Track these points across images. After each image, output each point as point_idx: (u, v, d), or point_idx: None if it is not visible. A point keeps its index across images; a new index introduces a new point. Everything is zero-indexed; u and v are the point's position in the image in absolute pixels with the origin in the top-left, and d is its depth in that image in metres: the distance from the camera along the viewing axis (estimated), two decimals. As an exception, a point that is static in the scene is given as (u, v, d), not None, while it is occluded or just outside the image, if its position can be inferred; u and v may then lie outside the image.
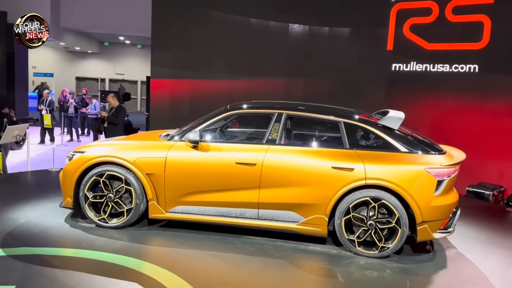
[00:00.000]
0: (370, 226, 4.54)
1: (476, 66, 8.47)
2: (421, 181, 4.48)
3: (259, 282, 3.96)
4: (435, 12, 8.80)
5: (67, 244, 4.59)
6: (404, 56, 9.15)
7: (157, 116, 10.81)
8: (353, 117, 4.96)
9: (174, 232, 5.02)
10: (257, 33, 10.22)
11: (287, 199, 4.71)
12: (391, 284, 4.05)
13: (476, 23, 8.44)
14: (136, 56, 24.99)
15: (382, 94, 9.59)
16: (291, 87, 10.23)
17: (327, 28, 9.89)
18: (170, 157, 4.88)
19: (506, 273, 4.57)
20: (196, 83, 10.73)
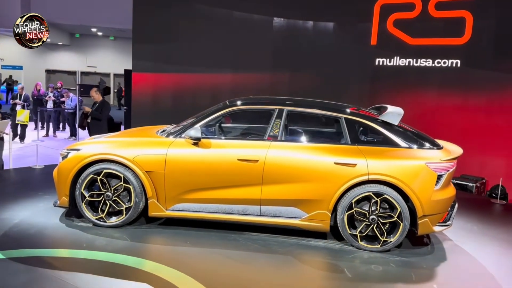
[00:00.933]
0: (372, 221, 4.60)
1: (458, 61, 8.65)
2: (422, 175, 4.57)
3: (269, 280, 3.96)
4: (418, 8, 8.92)
5: (67, 244, 4.47)
6: (387, 51, 9.25)
7: (140, 111, 10.62)
8: (353, 112, 4.99)
9: (174, 230, 4.96)
10: (241, 27, 10.15)
11: (289, 195, 4.72)
12: (397, 278, 4.12)
13: (458, 18, 8.61)
14: (109, 48, 24.46)
15: (366, 88, 9.70)
16: (276, 81, 10.22)
17: (311, 23, 9.91)
18: (171, 154, 4.81)
19: (503, 263, 4.71)
20: (179, 77, 10.58)
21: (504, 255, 4.90)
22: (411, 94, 9.21)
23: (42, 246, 4.42)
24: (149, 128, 5.89)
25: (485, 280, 4.20)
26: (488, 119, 8.50)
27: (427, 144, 4.81)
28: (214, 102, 10.30)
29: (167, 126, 5.77)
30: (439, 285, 3.99)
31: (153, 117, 10.46)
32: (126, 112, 12.92)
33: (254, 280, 3.94)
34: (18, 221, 4.98)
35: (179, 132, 4.97)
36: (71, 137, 13.03)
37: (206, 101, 10.40)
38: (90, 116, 8.52)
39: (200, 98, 10.46)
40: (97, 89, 8.61)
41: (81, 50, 24.46)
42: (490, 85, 8.51)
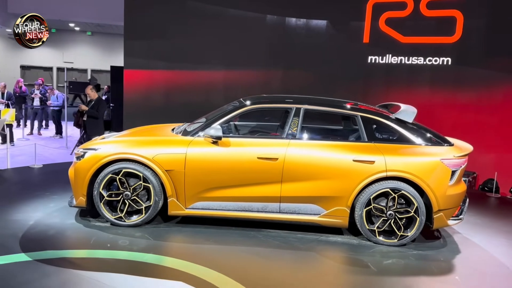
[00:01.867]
0: (390, 216, 4.74)
1: (449, 59, 8.90)
2: (437, 171, 4.73)
3: (299, 276, 4.04)
4: (410, 7, 9.13)
5: (90, 245, 4.43)
6: (380, 48, 9.44)
7: (132, 108, 10.49)
8: (369, 110, 5.12)
9: (193, 228, 4.98)
10: (235, 24, 10.15)
11: (309, 192, 4.81)
12: (420, 271, 4.27)
13: (449, 17, 8.86)
14: (86, 44, 23.93)
15: (359, 85, 9.87)
16: (269, 79, 10.28)
17: (305, 20, 10.00)
18: (190, 153, 4.82)
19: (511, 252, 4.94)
20: (172, 74, 10.51)
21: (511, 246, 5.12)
22: (402, 91, 9.42)
23: (65, 247, 4.39)
24: (162, 126, 5.88)
25: (503, 272, 4.39)
26: (478, 115, 8.80)
27: (440, 141, 4.98)
28: (207, 99, 10.37)
29: (181, 124, 5.79)
30: (461, 277, 4.16)
31: (146, 115, 10.38)
32: (112, 110, 12.76)
33: (284, 276, 4.01)
34: (33, 222, 4.90)
35: (197, 131, 4.99)
36: (56, 135, 12.77)
37: (199, 98, 10.42)
38: (85, 114, 8.39)
39: (193, 95, 10.43)
40: (93, 86, 8.48)
41: (57, 45, 23.83)
42: (480, 83, 8.80)
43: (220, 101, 10.46)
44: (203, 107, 10.24)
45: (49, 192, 6.06)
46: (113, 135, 5.59)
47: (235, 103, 5.32)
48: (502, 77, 8.60)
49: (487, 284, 4.11)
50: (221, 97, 10.53)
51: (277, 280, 3.91)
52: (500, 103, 8.63)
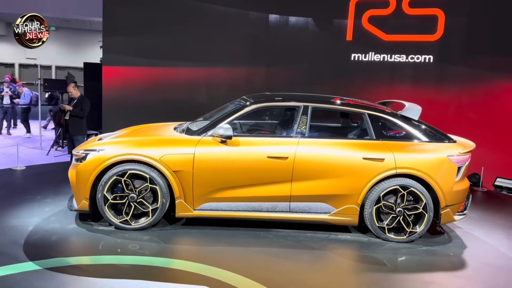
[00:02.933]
0: (399, 213, 4.78)
1: (431, 57, 9.08)
2: (444, 168, 4.80)
3: (320, 276, 4.00)
4: (393, 5, 9.24)
5: (99, 250, 4.24)
6: (363, 46, 9.51)
7: (111, 106, 10.16)
8: (375, 108, 5.14)
9: (201, 230, 4.87)
10: (217, 20, 9.99)
11: (319, 191, 4.78)
12: (435, 267, 4.33)
13: (431, 16, 9.03)
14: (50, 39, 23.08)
15: (342, 83, 9.93)
16: (252, 76, 10.19)
17: (288, 18, 9.96)
18: (199, 153, 4.70)
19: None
20: (153, 71, 10.24)
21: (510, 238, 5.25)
22: (385, 89, 9.56)
23: (73, 253, 4.19)
24: (163, 125, 5.74)
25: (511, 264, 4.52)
26: (459, 111, 9.03)
27: (444, 138, 5.06)
28: (189, 96, 10.19)
29: (182, 123, 5.67)
30: (474, 271, 4.24)
31: (127, 113, 10.09)
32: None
33: (305, 276, 3.96)
34: (33, 228, 4.65)
35: (204, 130, 4.86)
36: (27, 134, 12.23)
37: (181, 96, 10.21)
38: (68, 113, 8.06)
39: (175, 93, 10.22)
40: (75, 84, 8.16)
41: (18, 41, 22.90)
42: (461, 80, 9.04)
43: (203, 99, 10.34)
44: (185, 105, 10.10)
45: (39, 195, 5.78)
46: (110, 135, 5.38)
47: (240, 102, 5.23)
48: (482, 75, 8.85)
49: (499, 277, 4.21)
50: (204, 95, 10.39)
51: (299, 280, 3.86)
52: (481, 100, 8.89)
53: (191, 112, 9.96)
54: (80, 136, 8.05)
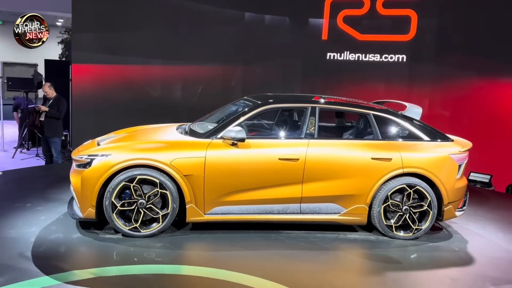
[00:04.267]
0: (405, 211, 4.91)
1: (404, 56, 9.40)
2: (447, 166, 4.98)
3: (342, 276, 4.06)
4: (367, 5, 9.47)
5: (116, 261, 4.06)
6: (338, 45, 9.69)
7: (82, 106, 9.74)
8: (380, 109, 5.23)
9: (212, 234, 4.78)
10: (193, 18, 9.82)
11: (329, 191, 4.82)
12: (447, 263, 4.46)
13: (404, 17, 9.34)
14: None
15: (318, 81, 10.08)
16: (228, 74, 10.13)
17: (264, 16, 9.96)
18: (210, 156, 4.60)
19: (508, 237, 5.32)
20: (125, 69, 9.93)
21: (503, 231, 5.50)
22: (360, 87, 9.79)
23: (90, 265, 3.99)
24: (163, 127, 5.58)
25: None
26: (431, 108, 9.40)
27: (443, 137, 5.23)
28: (164, 95, 9.97)
29: (181, 124, 5.56)
30: (484, 265, 4.42)
31: (98, 112, 9.74)
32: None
33: (329, 276, 4.00)
34: (35, 239, 4.38)
35: (213, 133, 4.76)
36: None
37: (155, 94, 9.98)
38: (43, 114, 7.65)
39: (149, 91, 9.97)
40: (51, 84, 7.75)
41: (-40, 35, 21.46)
42: (433, 78, 9.41)
43: (178, 97, 10.15)
44: (160, 104, 9.89)
45: (29, 203, 5.46)
46: (108, 139, 5.16)
47: (245, 102, 5.15)
48: (453, 73, 9.25)
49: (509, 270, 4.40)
50: (179, 94, 10.22)
51: (325, 281, 3.88)
52: (452, 97, 9.29)
53: (166, 111, 9.79)
54: (57, 138, 7.68)
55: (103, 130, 9.42)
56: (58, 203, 5.50)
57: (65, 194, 5.93)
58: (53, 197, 5.77)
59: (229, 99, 9.91)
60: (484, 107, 9.04)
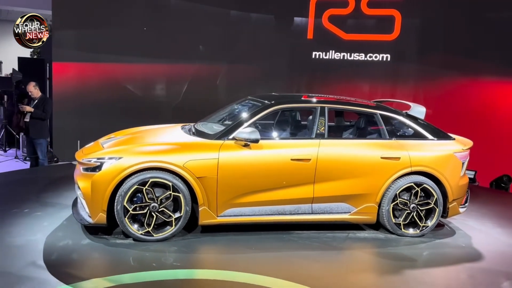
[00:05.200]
0: (413, 209, 4.99)
1: (388, 56, 9.55)
2: (451, 164, 5.09)
3: (367, 278, 4.08)
4: (352, 5, 9.57)
5: (134, 267, 3.93)
6: (323, 45, 9.76)
7: (63, 105, 9.41)
8: (387, 108, 5.30)
9: (224, 236, 4.71)
10: (178, 15, 9.67)
11: (340, 191, 4.85)
12: (459, 259, 4.57)
13: (388, 16, 9.49)
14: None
15: (304, 80, 10.13)
16: (213, 73, 10.02)
17: (250, 14, 9.91)
18: (223, 157, 4.53)
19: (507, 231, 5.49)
20: (108, 67, 9.66)
21: (504, 227, 5.66)
22: (345, 86, 9.90)
23: (107, 272, 3.86)
24: (168, 127, 5.48)
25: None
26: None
27: (446, 136, 5.35)
28: (148, 94, 9.78)
29: (185, 125, 5.47)
30: (492, 261, 4.55)
31: (80, 111, 9.44)
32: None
33: (350, 276, 4.02)
34: (44, 247, 4.20)
35: (225, 134, 4.69)
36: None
37: (139, 94, 9.77)
38: (28, 115, 7.35)
39: (133, 90, 9.75)
40: (36, 83, 7.45)
41: None
42: (416, 77, 9.63)
43: (162, 96, 9.97)
44: (144, 103, 9.69)
45: (26, 208, 5.23)
46: (111, 141, 5.01)
47: (258, 104, 5.06)
48: (435, 72, 9.48)
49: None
50: (163, 92, 10.04)
51: (347, 281, 3.90)
52: (434, 96, 9.51)
53: (151, 111, 9.62)
54: (42, 140, 7.40)
55: (86, 131, 9.19)
56: (57, 208, 5.30)
57: (60, 198, 5.74)
58: (50, 201, 5.56)
59: (214, 98, 9.86)
60: (466, 105, 9.30)
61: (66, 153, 9.09)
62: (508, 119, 8.88)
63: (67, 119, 9.39)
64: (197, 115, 9.83)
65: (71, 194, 5.89)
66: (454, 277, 4.14)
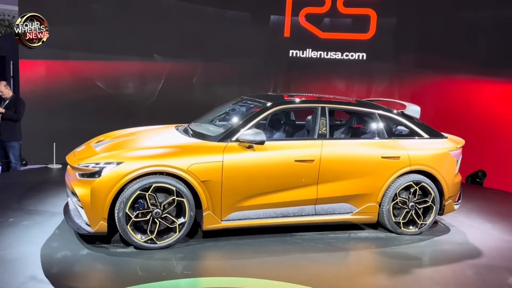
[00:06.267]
0: (412, 207, 5.04)
1: (364, 54, 9.67)
2: (447, 162, 5.18)
3: (380, 278, 4.08)
4: (328, 4, 9.61)
5: (143, 277, 3.72)
6: (300, 43, 9.75)
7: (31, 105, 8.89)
8: (384, 107, 5.31)
9: (227, 241, 4.58)
10: (153, 12, 9.36)
11: (343, 191, 4.82)
12: (462, 256, 4.62)
13: (364, 16, 9.59)
14: None
15: (281, 78, 10.09)
16: (189, 71, 9.80)
17: (227, 12, 9.75)
18: (227, 160, 4.40)
19: (496, 226, 5.65)
20: (79, 65, 9.24)
21: (493, 222, 5.82)
22: (322, 84, 9.95)
23: (117, 284, 3.63)
24: (161, 128, 5.27)
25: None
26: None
27: (439, 134, 5.43)
28: (122, 93, 9.44)
29: (178, 125, 5.30)
30: (492, 256, 4.65)
31: (50, 111, 8.99)
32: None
33: (366, 278, 4.00)
34: (41, 259, 3.91)
35: (227, 135, 4.55)
36: None
37: (112, 92, 9.41)
38: (0, 117, 6.91)
39: (105, 89, 9.37)
40: (7, 82, 7.00)
41: None
42: (391, 75, 9.79)
43: (136, 95, 9.65)
44: (116, 102, 9.34)
45: (11, 217, 4.90)
46: (103, 144, 4.77)
47: (259, 105, 4.94)
48: (410, 71, 9.68)
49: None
50: (137, 91, 9.72)
51: (363, 284, 3.87)
52: (409, 94, 9.70)
53: (125, 110, 9.29)
54: (15, 142, 6.99)
55: (58, 132, 8.76)
56: (44, 216, 5.00)
57: (45, 205, 5.44)
58: (34, 209, 5.24)
59: (190, 96, 9.64)
60: (439, 103, 9.54)
61: (36, 156, 8.64)
62: (480, 116, 9.17)
63: (36, 120, 8.90)
64: (173, 115, 9.63)
65: (55, 200, 5.62)
66: (462, 275, 4.19)
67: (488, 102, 9.30)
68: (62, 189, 6.03)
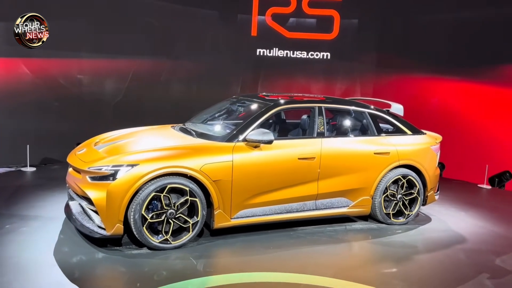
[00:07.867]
0: (399, 199, 5.41)
1: (328, 54, 10.04)
2: (429, 157, 5.61)
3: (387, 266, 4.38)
4: (293, 4, 9.88)
5: (169, 278, 3.77)
6: (267, 42, 9.96)
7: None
8: (372, 107, 5.64)
9: (236, 238, 4.72)
10: (118, 7, 9.16)
11: (341, 186, 5.10)
12: (450, 242, 5.03)
13: (328, 16, 9.96)
14: None
15: (249, 77, 10.24)
16: (156, 69, 9.69)
17: (194, 9, 9.74)
18: (236, 159, 4.53)
19: (469, 213, 6.17)
20: (42, 62, 8.86)
21: (466, 210, 6.34)
22: (288, 82, 10.23)
23: (148, 284, 3.66)
24: (160, 128, 5.29)
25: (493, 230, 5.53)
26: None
27: (420, 131, 5.85)
28: (87, 91, 9.21)
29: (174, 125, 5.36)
30: (475, 241, 5.11)
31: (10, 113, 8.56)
32: None
33: (378, 267, 4.29)
34: (57, 266, 3.84)
35: (234, 135, 4.67)
36: None
37: (75, 91, 9.13)
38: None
39: (70, 88, 9.06)
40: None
41: None
42: (353, 74, 10.24)
43: (102, 94, 9.43)
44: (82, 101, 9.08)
45: (7, 224, 4.73)
46: (104, 146, 4.73)
47: (261, 105, 5.08)
48: (370, 70, 10.18)
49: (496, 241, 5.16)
50: (103, 89, 9.48)
51: (380, 271, 4.16)
52: (371, 92, 10.21)
53: (90, 108, 9.08)
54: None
55: (21, 133, 8.37)
56: (41, 221, 4.88)
57: (36, 209, 5.31)
58: (26, 214, 5.08)
59: (158, 95, 9.56)
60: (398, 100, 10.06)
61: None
62: (437, 112, 9.82)
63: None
64: (140, 113, 9.51)
65: (43, 204, 5.53)
66: (456, 258, 4.58)
67: (442, 99, 9.97)
68: (45, 192, 5.91)
